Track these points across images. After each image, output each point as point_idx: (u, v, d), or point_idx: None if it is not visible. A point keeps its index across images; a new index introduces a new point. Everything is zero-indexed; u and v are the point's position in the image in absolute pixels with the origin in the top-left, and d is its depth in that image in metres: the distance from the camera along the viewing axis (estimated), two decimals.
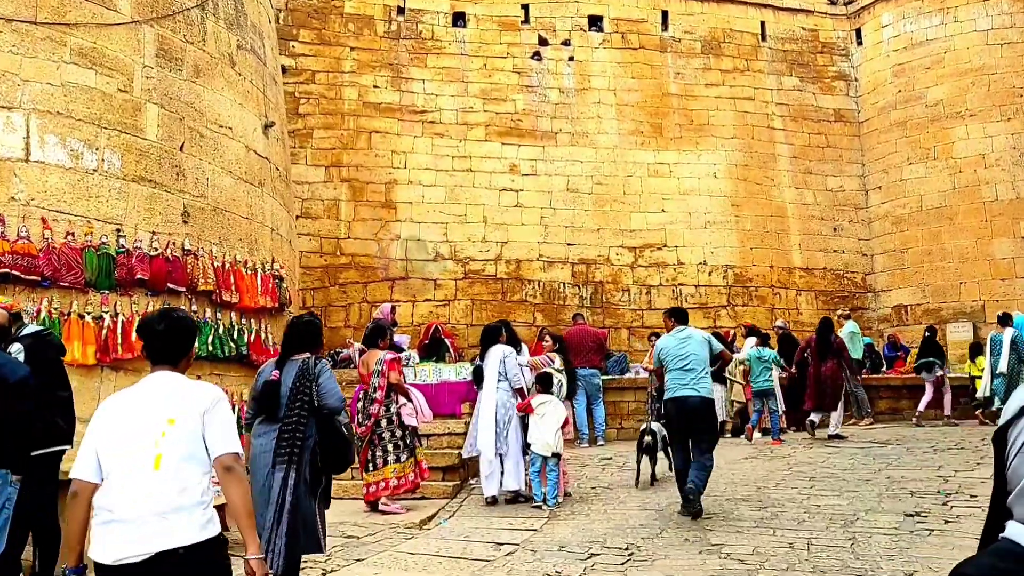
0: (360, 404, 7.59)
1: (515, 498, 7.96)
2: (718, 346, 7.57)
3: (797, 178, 16.69)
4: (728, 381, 12.61)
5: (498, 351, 8.17)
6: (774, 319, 15.65)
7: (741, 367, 12.48)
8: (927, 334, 13.36)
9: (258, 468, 4.58)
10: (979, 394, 12.18)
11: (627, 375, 13.49)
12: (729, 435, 12.14)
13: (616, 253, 15.50)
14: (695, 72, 16.75)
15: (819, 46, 17.60)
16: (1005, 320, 12.24)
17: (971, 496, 7.26)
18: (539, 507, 7.65)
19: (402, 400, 7.59)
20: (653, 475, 8.63)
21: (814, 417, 11.17)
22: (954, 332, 15.05)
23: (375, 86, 15.27)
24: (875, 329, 16.12)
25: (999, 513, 1.37)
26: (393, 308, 11.89)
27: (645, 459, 8.47)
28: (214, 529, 2.73)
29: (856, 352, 13.29)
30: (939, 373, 12.82)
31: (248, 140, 8.47)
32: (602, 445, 11.89)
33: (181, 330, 2.98)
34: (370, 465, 7.41)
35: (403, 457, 7.47)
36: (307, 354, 4.79)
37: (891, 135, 16.65)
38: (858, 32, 17.60)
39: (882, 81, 17.00)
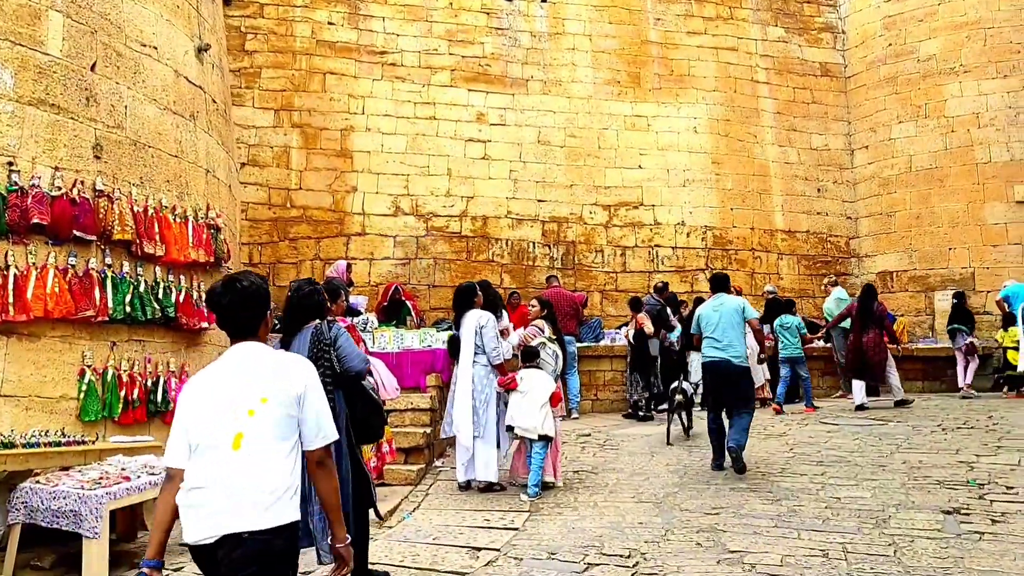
0: None
1: (489, 487, 6.91)
2: (752, 313, 7.72)
3: (781, 135, 15.72)
4: None
5: (473, 318, 7.07)
6: (754, 284, 14.80)
7: None
8: (955, 300, 12.65)
9: None
10: (1021, 368, 11.41)
11: (602, 342, 12.51)
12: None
13: (590, 211, 14.42)
14: (676, 19, 15.61)
15: None
16: None
17: (1008, 488, 6.40)
18: (520, 497, 6.62)
19: None
20: (688, 430, 9.24)
21: (860, 398, 10.78)
22: (942, 300, 14.30)
23: (330, 22, 13.87)
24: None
25: None
26: (349, 266, 10.70)
27: (676, 418, 9.00)
28: (287, 515, 2.57)
29: (846, 321, 12.46)
30: (968, 340, 12.22)
31: (177, 63, 7.13)
32: (576, 419, 10.91)
33: (248, 301, 2.78)
34: None
35: None
36: (316, 321, 4.55)
37: (880, 91, 15.73)
38: None
39: (871, 34, 16.03)
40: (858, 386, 10.93)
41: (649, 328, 10.98)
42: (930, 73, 15.17)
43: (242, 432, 2.57)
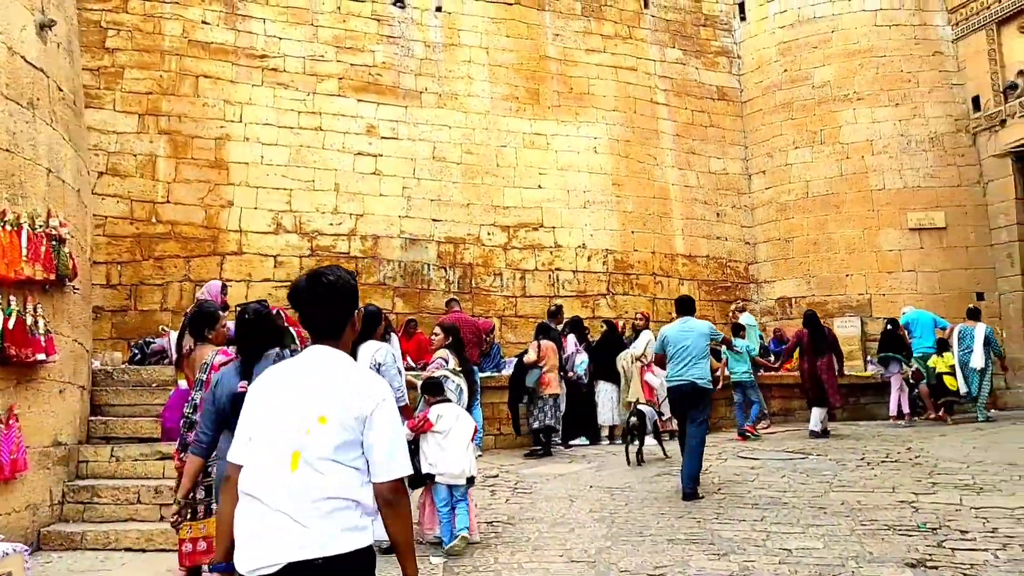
0: (183, 421, 5.15)
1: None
2: (719, 335, 8.08)
3: (680, 158, 15.40)
4: (622, 378, 11.03)
5: (368, 351, 6.05)
6: (656, 311, 14.30)
7: (637, 363, 10.94)
8: (889, 327, 12.32)
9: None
10: (962, 391, 11.84)
11: (504, 371, 11.65)
12: (616, 441, 10.54)
13: (488, 232, 13.61)
14: (575, 35, 15.10)
15: (702, 18, 16.40)
16: (975, 314, 12.08)
17: (963, 533, 5.88)
18: (429, 555, 5.64)
19: None
20: (640, 455, 9.06)
21: (816, 425, 10.73)
22: (841, 327, 14.17)
23: (204, 22, 12.61)
24: (759, 322, 15.05)
25: None
26: (224, 287, 9.44)
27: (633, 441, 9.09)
28: (358, 540, 2.29)
29: (754, 346, 12.08)
30: (901, 369, 11.97)
31: (12, 39, 5.87)
32: (480, 456, 9.96)
33: (334, 298, 2.49)
34: (189, 512, 4.85)
35: None
36: (276, 349, 4.01)
37: (776, 116, 15.67)
38: (741, 6, 16.53)
39: (767, 59, 15.99)
40: (816, 413, 10.75)
41: (532, 358, 10.05)
42: (825, 100, 15.19)
43: (299, 452, 2.32)
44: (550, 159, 14.31)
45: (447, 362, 6.63)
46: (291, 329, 10.04)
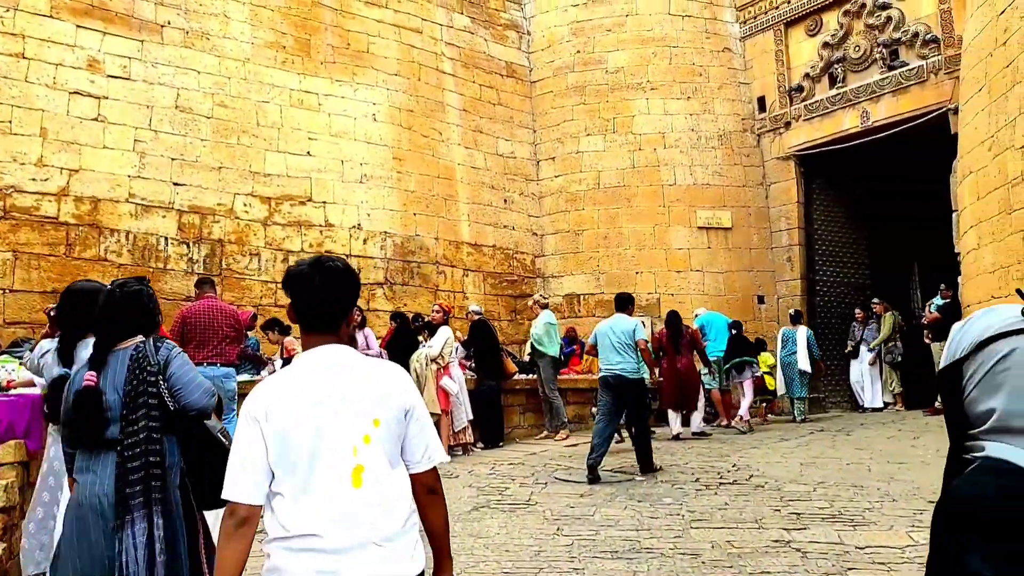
0: None
1: None
2: (642, 334, 8.44)
3: (467, 136, 13.87)
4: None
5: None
6: (437, 303, 12.63)
7: (433, 366, 9.23)
8: (734, 331, 11.68)
9: (89, 525, 2.89)
10: (779, 391, 12.42)
11: (264, 373, 9.43)
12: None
13: (244, 203, 11.23)
14: None
15: None
16: (797, 318, 12.36)
17: None
18: None
19: None
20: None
21: (677, 428, 10.58)
22: None
23: None
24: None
25: (959, 447, 1.31)
26: None
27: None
28: (422, 560, 2.14)
29: (554, 347, 10.79)
30: (754, 374, 11.65)
31: None
32: None
33: (345, 285, 2.24)
34: None
35: None
36: (139, 338, 3.16)
37: (567, 100, 14.61)
38: None
39: (558, 38, 14.91)
40: (674, 416, 10.55)
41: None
42: (618, 86, 14.35)
43: (362, 465, 2.07)
44: (322, 123, 12.16)
45: None
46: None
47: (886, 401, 13.24)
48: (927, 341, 11.72)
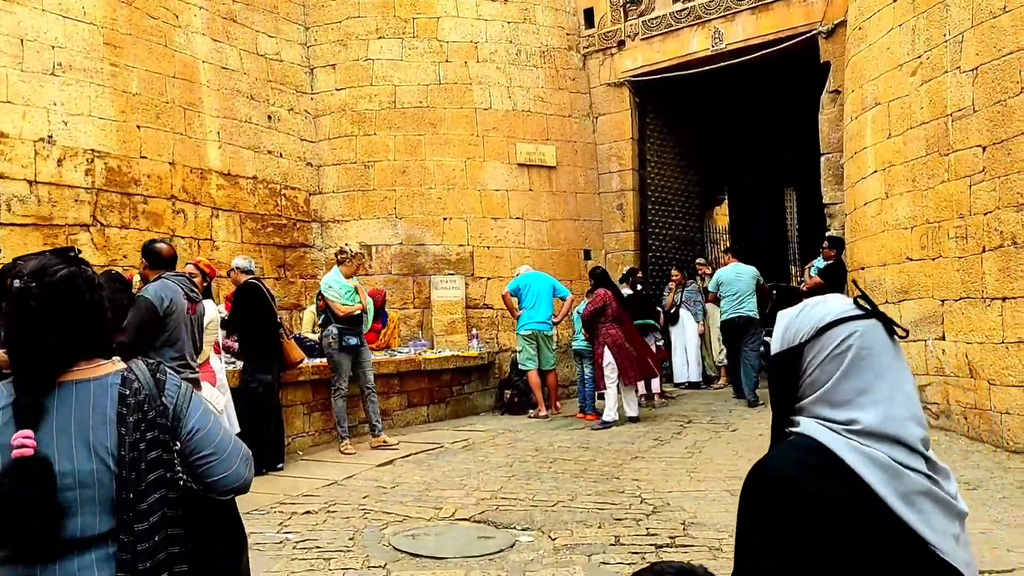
0: None
1: None
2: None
3: (215, 23, 10.01)
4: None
5: None
6: (193, 260, 8.89)
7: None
8: (639, 288, 9.09)
9: None
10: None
11: None
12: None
13: None
14: None
15: None
16: (630, 277, 10.38)
17: None
18: None
19: None
20: None
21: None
22: (441, 289, 10.42)
23: None
24: (320, 279, 10.48)
25: (784, 422, 1.42)
26: None
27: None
28: None
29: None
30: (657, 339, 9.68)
31: None
32: None
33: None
34: None
35: None
36: (113, 361, 1.81)
37: None
38: None
39: None
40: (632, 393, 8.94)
41: None
42: None
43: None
44: None
45: None
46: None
47: (710, 376, 11.41)
48: None
